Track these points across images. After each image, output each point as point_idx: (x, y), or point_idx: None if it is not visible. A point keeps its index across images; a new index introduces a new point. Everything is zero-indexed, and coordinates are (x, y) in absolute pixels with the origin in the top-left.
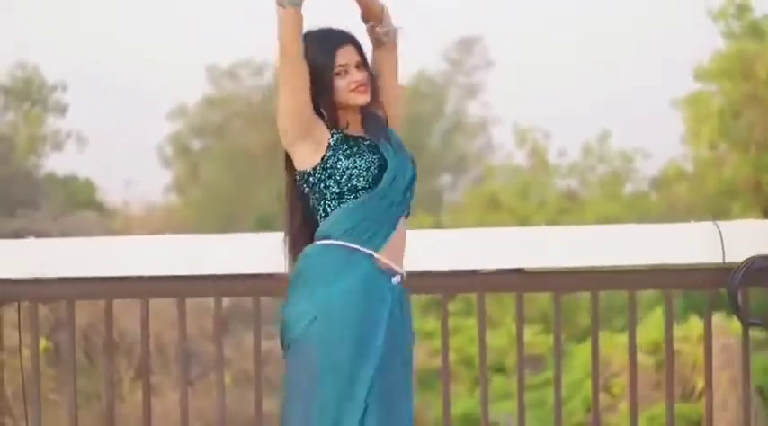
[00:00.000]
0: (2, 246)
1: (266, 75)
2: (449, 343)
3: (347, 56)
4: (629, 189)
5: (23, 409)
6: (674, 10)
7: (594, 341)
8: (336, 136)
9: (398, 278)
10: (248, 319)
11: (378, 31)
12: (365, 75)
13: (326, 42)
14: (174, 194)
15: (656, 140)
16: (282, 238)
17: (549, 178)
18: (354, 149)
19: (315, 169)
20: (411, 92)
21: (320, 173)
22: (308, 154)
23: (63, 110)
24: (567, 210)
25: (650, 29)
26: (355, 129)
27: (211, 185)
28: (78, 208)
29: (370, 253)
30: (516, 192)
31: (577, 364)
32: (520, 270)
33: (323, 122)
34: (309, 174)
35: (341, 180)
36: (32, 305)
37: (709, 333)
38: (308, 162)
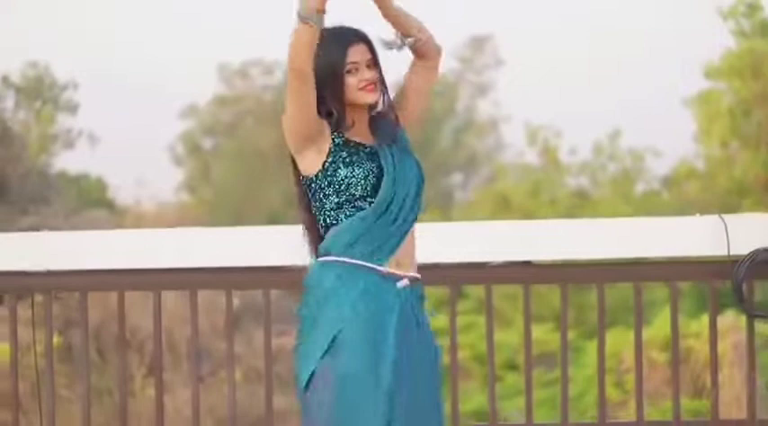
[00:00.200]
0: (16, 239)
1: (277, 74)
2: (457, 340)
3: (359, 54)
4: (640, 187)
5: (35, 405)
6: (685, 9)
7: (601, 332)
8: (338, 139)
9: (405, 281)
10: (259, 316)
11: (416, 43)
12: (375, 74)
13: (339, 40)
14: (186, 192)
15: (667, 139)
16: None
17: (559, 177)
18: (354, 157)
19: (316, 176)
20: None
21: (321, 180)
22: (309, 160)
23: (74, 109)
24: (577, 209)
25: (661, 27)
26: (361, 132)
27: (222, 184)
28: (90, 206)
29: (372, 267)
30: (527, 191)
31: (590, 361)
32: (527, 263)
33: (327, 126)
34: (311, 181)
35: (339, 189)
36: (46, 296)
37: (715, 325)
38: (311, 168)
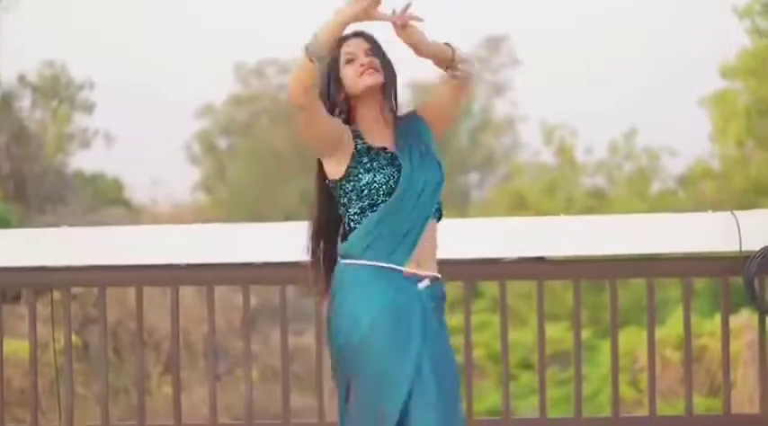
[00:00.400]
0: (35, 235)
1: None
2: (472, 338)
3: (353, 46)
4: (655, 187)
5: (53, 403)
6: (701, 8)
7: (614, 327)
8: (360, 146)
9: (426, 282)
10: (275, 316)
11: (454, 73)
12: (374, 59)
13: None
14: (202, 192)
15: (683, 138)
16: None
17: (575, 176)
18: (374, 163)
19: (341, 180)
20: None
21: (345, 185)
22: (335, 163)
23: (90, 109)
24: (593, 208)
25: (676, 27)
26: (384, 136)
27: (238, 183)
28: (106, 205)
29: (394, 268)
30: (543, 190)
31: (604, 360)
32: (541, 259)
33: (349, 132)
34: (337, 185)
35: (361, 194)
36: (65, 291)
37: (727, 319)
38: (336, 172)
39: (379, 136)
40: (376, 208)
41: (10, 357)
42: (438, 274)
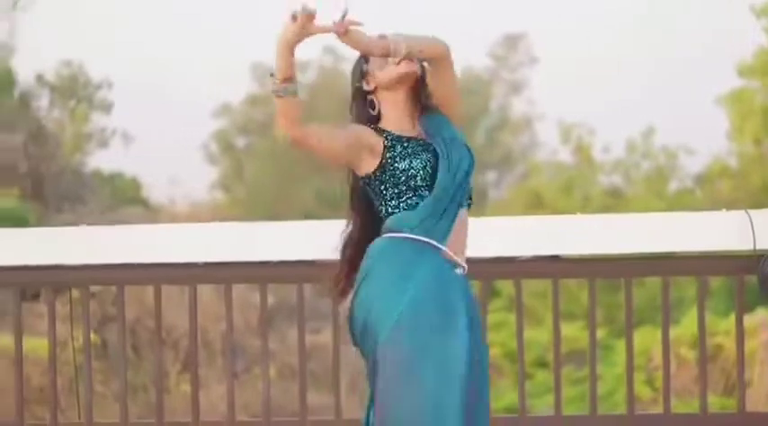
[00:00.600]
0: (54, 234)
1: (309, 73)
2: (488, 337)
3: None
4: (673, 185)
5: (72, 401)
6: (718, 7)
7: (629, 326)
8: (390, 138)
9: (461, 269)
10: (292, 315)
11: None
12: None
13: None
14: (219, 191)
15: (700, 137)
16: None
17: (593, 174)
18: (409, 150)
19: (375, 173)
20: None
21: (379, 176)
22: (366, 163)
23: (108, 108)
24: (610, 207)
25: (693, 26)
26: (411, 129)
27: (256, 182)
28: (124, 204)
29: (439, 246)
30: (560, 189)
31: (619, 360)
32: (556, 258)
33: (371, 132)
34: (370, 178)
35: (399, 181)
36: (84, 290)
37: (741, 316)
38: (368, 168)
39: (408, 127)
40: (416, 192)
41: (29, 355)
42: (466, 266)
